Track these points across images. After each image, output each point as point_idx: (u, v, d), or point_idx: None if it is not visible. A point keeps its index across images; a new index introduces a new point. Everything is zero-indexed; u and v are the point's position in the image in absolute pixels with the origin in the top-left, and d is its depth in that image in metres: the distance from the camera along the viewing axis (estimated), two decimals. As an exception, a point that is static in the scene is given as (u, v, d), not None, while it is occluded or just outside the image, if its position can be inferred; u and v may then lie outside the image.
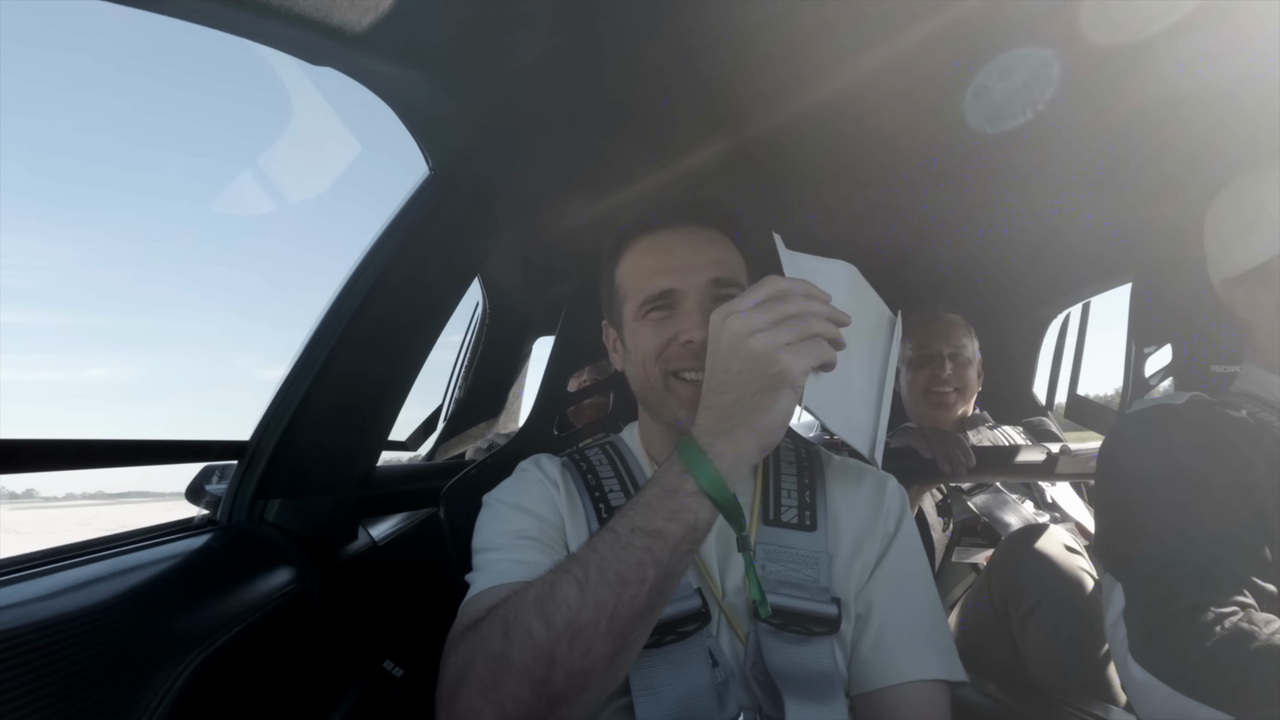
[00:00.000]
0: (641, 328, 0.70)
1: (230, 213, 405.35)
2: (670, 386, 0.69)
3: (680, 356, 0.68)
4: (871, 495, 0.74)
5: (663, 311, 0.69)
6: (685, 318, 0.68)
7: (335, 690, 0.76)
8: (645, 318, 0.70)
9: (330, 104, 3.86)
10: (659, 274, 0.70)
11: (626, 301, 0.72)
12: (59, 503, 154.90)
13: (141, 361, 36.16)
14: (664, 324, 0.69)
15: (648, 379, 0.70)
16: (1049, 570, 1.04)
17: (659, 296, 0.69)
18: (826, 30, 0.71)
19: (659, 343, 0.69)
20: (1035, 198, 1.14)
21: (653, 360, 0.69)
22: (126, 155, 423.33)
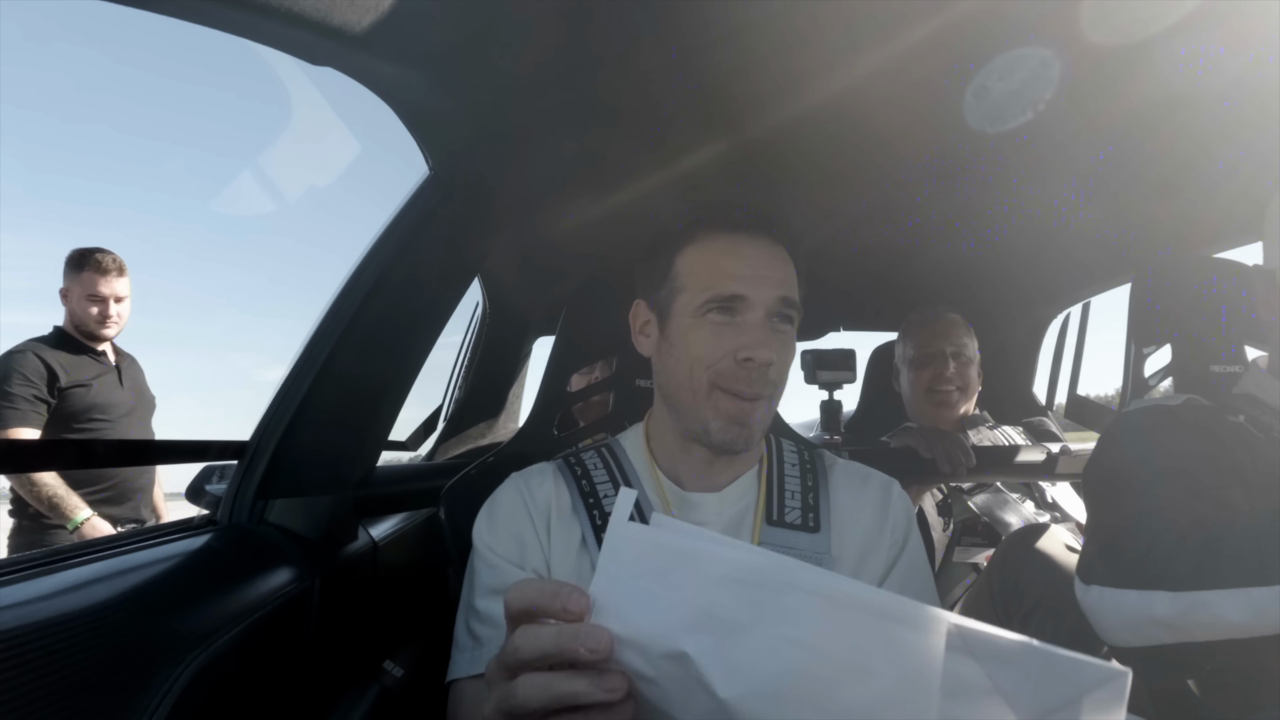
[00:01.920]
0: (698, 328, 0.68)
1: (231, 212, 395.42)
2: (712, 396, 0.67)
3: (732, 374, 0.66)
4: (877, 499, 0.74)
5: (724, 316, 0.67)
6: (749, 332, 0.66)
7: (335, 690, 0.76)
8: (704, 318, 0.67)
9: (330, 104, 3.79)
10: (733, 277, 0.67)
11: (684, 293, 0.69)
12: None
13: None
14: (724, 332, 0.67)
15: (689, 382, 0.68)
16: (1050, 570, 1.04)
17: (729, 299, 0.67)
18: (826, 31, 0.71)
19: (715, 352, 0.66)
20: (1035, 198, 1.14)
21: (702, 367, 0.67)
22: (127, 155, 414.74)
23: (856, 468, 0.78)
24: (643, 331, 0.76)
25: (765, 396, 0.68)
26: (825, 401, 1.44)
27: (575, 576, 0.67)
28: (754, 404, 0.67)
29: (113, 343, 1.87)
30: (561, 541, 0.69)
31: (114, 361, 1.84)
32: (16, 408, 1.65)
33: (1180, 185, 1.06)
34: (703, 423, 0.68)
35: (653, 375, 0.77)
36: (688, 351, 0.68)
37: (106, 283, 1.78)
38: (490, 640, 0.66)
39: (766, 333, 0.67)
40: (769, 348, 0.66)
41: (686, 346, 0.68)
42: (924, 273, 1.53)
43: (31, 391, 1.68)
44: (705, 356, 0.67)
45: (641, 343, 0.76)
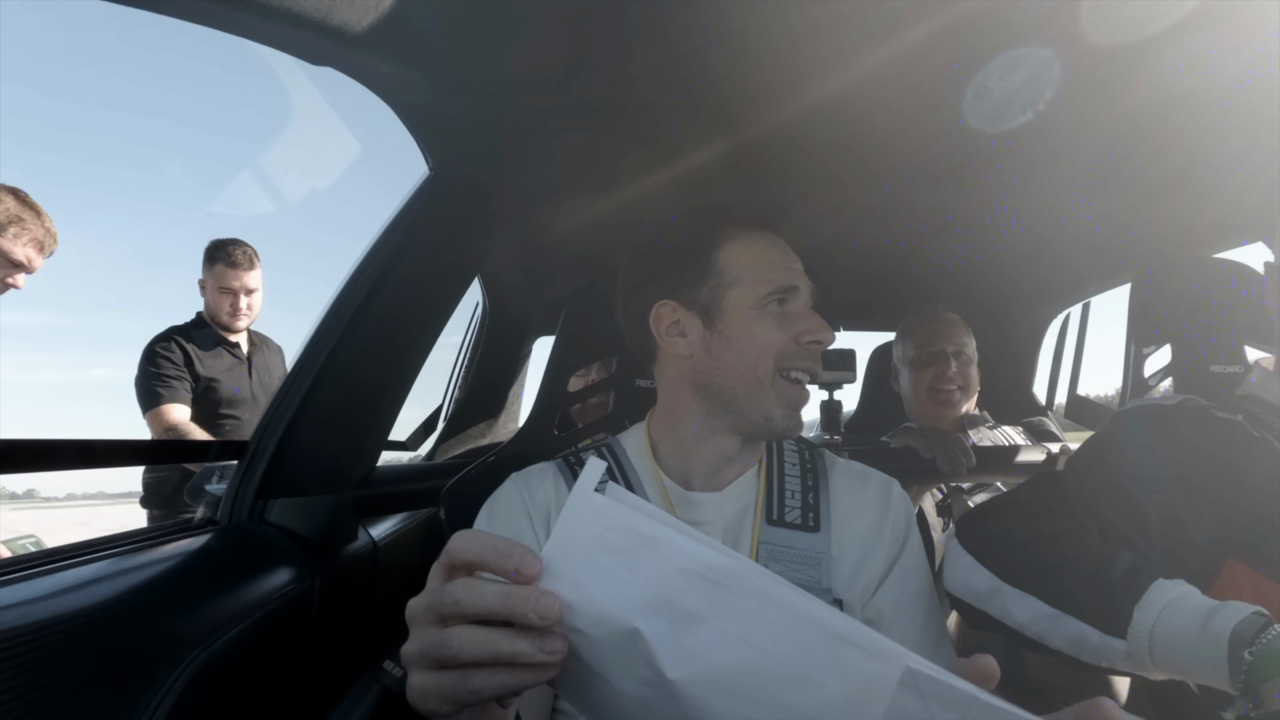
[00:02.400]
0: (762, 319, 0.71)
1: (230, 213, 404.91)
2: (775, 384, 0.70)
3: (799, 355, 0.71)
4: (877, 499, 0.74)
5: (780, 306, 0.71)
6: (809, 318, 0.72)
7: (335, 690, 0.76)
8: (765, 309, 0.71)
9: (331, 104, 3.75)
10: (785, 269, 0.72)
11: (738, 288, 0.72)
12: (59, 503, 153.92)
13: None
14: (784, 322, 0.71)
15: (754, 372, 0.70)
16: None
17: (788, 290, 0.72)
18: (826, 30, 0.71)
19: (781, 339, 0.70)
20: (1035, 198, 1.14)
21: (769, 355, 0.70)
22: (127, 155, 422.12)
23: (857, 468, 0.78)
24: (673, 332, 0.73)
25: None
26: (825, 401, 1.44)
27: None
28: (806, 389, 0.73)
29: (250, 331, 1.91)
30: None
31: (246, 353, 1.88)
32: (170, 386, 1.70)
33: (1180, 185, 1.06)
34: (765, 411, 0.70)
35: (678, 373, 0.75)
36: (753, 343, 0.70)
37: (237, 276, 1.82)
38: None
39: (819, 317, 0.73)
40: (828, 329, 0.72)
41: (751, 338, 0.71)
42: (924, 273, 1.53)
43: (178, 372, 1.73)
44: (772, 344, 0.70)
45: (675, 344, 0.73)
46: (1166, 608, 0.58)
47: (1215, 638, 0.54)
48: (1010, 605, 0.67)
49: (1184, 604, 0.58)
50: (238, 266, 1.81)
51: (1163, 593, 0.59)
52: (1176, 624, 0.57)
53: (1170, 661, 0.57)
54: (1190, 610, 0.57)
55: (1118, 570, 0.62)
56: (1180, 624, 0.57)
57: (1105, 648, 0.60)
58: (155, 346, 1.75)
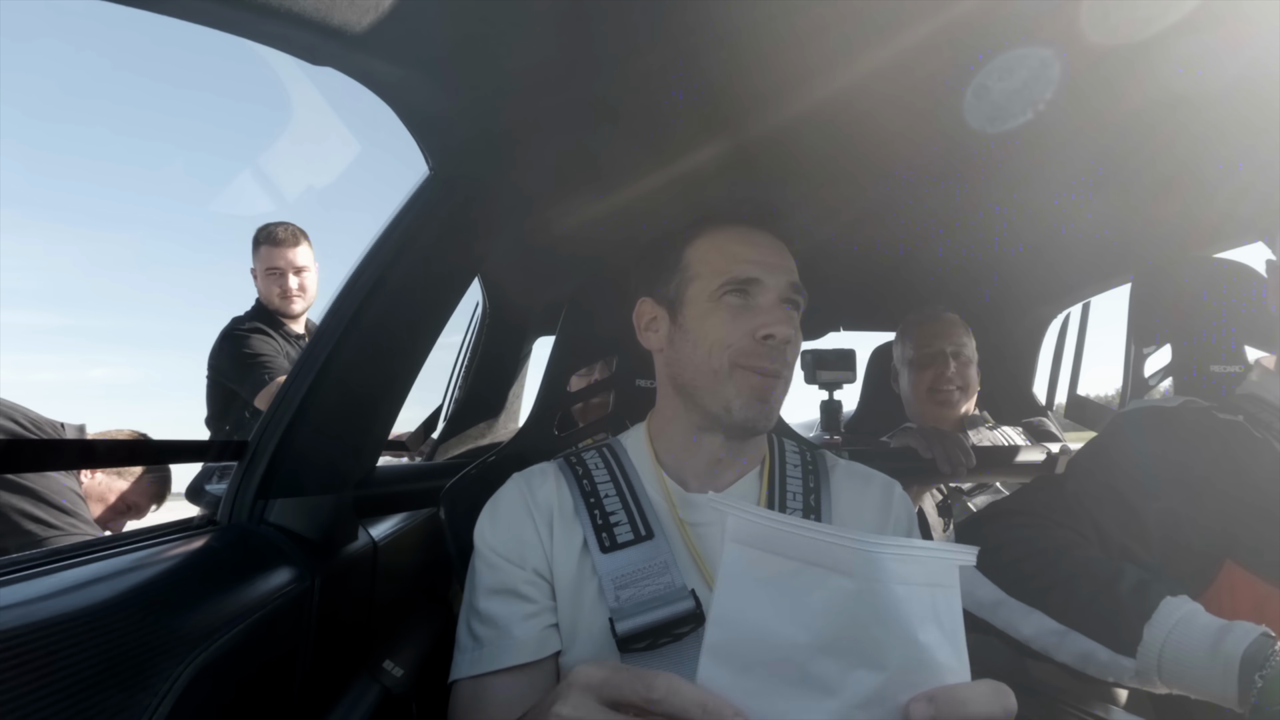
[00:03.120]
0: (714, 312, 0.70)
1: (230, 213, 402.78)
2: (733, 375, 0.69)
3: (752, 351, 0.69)
4: (879, 500, 0.74)
5: (740, 299, 0.70)
6: (767, 312, 0.69)
7: (335, 690, 0.76)
8: (720, 301, 0.70)
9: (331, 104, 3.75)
10: (747, 262, 0.71)
11: (697, 281, 0.72)
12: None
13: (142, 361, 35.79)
14: (740, 314, 0.69)
15: (709, 364, 0.70)
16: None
17: (745, 281, 0.70)
18: (826, 30, 0.71)
19: (734, 332, 0.69)
20: (1035, 198, 1.14)
21: (721, 348, 0.69)
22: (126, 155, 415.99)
23: (858, 468, 0.78)
24: (649, 328, 0.77)
25: (783, 375, 0.70)
26: (825, 401, 1.44)
27: (577, 581, 0.68)
28: (774, 381, 0.70)
29: (309, 321, 1.83)
30: (564, 543, 0.69)
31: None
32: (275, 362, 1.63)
33: (1180, 185, 1.06)
34: (724, 403, 0.69)
35: (660, 370, 0.77)
36: (705, 335, 0.70)
37: (282, 254, 1.72)
38: (491, 641, 0.66)
39: (783, 311, 0.70)
40: (787, 325, 0.68)
41: (704, 330, 0.70)
42: (924, 272, 1.53)
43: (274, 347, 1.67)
44: (725, 337, 0.69)
45: (649, 339, 0.77)
46: (1175, 627, 0.58)
47: (1226, 660, 0.54)
48: (1016, 619, 0.67)
49: (1192, 623, 0.58)
50: (282, 244, 1.72)
51: (1171, 611, 0.59)
52: (1186, 643, 0.57)
53: (1179, 680, 0.57)
54: (1199, 630, 0.57)
55: (1125, 586, 0.62)
56: (1190, 644, 0.57)
57: (1114, 665, 0.60)
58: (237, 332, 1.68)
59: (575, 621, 0.67)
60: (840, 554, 0.34)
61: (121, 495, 1.48)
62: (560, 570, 0.68)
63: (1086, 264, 1.50)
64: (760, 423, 0.70)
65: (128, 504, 1.50)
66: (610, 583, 0.65)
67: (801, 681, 0.35)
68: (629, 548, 0.67)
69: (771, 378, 0.69)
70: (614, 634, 0.63)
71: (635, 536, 0.67)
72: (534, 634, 0.66)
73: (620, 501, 0.70)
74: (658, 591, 0.64)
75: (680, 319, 0.73)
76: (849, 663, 0.35)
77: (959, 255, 1.42)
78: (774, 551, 0.36)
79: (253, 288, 1.82)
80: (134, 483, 1.50)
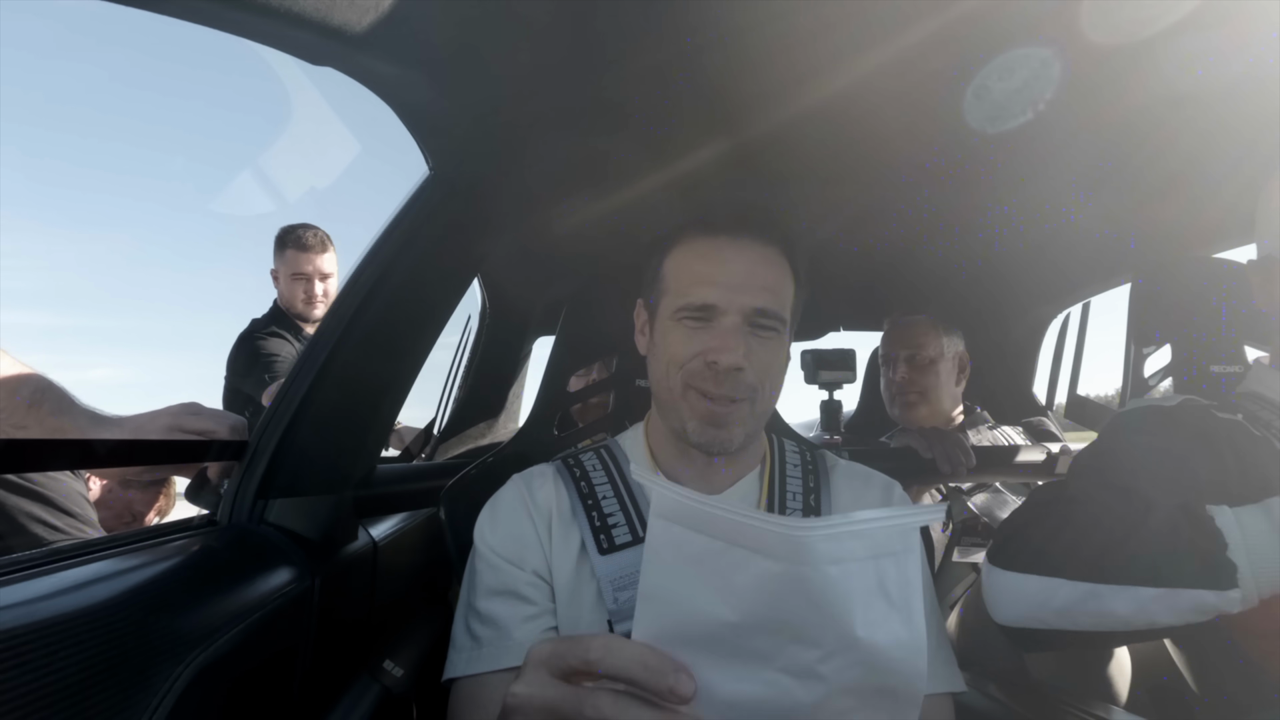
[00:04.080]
0: (673, 331, 0.69)
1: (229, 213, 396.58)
2: (686, 396, 0.68)
3: (701, 375, 0.67)
4: (879, 500, 0.74)
5: (698, 322, 0.68)
6: (718, 336, 0.66)
7: (335, 690, 0.76)
8: (679, 322, 0.69)
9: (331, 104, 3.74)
10: (705, 284, 0.68)
11: (666, 297, 0.71)
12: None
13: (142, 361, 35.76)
14: (696, 335, 0.68)
15: (666, 381, 0.70)
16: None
17: (699, 309, 0.67)
18: (826, 30, 0.71)
19: (686, 353, 0.68)
20: (1035, 198, 1.14)
21: (676, 368, 0.68)
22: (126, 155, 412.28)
23: (858, 469, 0.78)
24: (641, 331, 0.78)
25: (742, 399, 0.67)
26: (825, 401, 1.44)
27: (575, 583, 0.68)
28: (730, 406, 0.67)
29: None
30: (562, 545, 0.69)
31: None
32: (285, 365, 1.63)
33: (1180, 185, 1.06)
34: (681, 422, 0.69)
35: None
36: (664, 352, 0.70)
37: (309, 260, 1.72)
38: (489, 641, 0.66)
39: (737, 338, 0.66)
40: (736, 353, 0.65)
41: (665, 347, 0.70)
42: (924, 272, 1.53)
43: (289, 350, 1.67)
44: (677, 357, 0.68)
45: (639, 341, 0.78)
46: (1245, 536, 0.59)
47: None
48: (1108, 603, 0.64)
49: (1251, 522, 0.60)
50: (309, 249, 1.72)
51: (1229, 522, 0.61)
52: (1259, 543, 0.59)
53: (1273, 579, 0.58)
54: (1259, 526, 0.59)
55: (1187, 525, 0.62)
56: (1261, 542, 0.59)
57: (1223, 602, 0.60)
58: (255, 334, 1.69)
59: (574, 624, 0.67)
60: (765, 538, 0.33)
61: (127, 503, 1.49)
62: (559, 572, 0.68)
63: (1086, 264, 1.50)
64: (716, 447, 0.68)
65: (133, 513, 1.51)
66: (609, 584, 0.65)
67: (735, 655, 0.35)
68: (627, 549, 0.67)
69: (724, 403, 0.67)
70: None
71: (634, 538, 0.68)
72: (533, 636, 0.66)
73: (618, 503, 0.70)
74: None
75: (652, 331, 0.73)
76: (780, 639, 0.34)
77: (959, 255, 1.42)
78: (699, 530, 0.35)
79: (259, 286, 1.82)
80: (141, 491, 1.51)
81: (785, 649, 0.34)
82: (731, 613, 0.34)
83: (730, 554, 0.34)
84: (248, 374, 1.67)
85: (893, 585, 0.34)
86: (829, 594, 0.33)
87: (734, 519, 0.34)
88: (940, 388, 1.48)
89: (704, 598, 0.35)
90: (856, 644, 0.34)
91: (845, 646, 0.34)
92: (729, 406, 0.67)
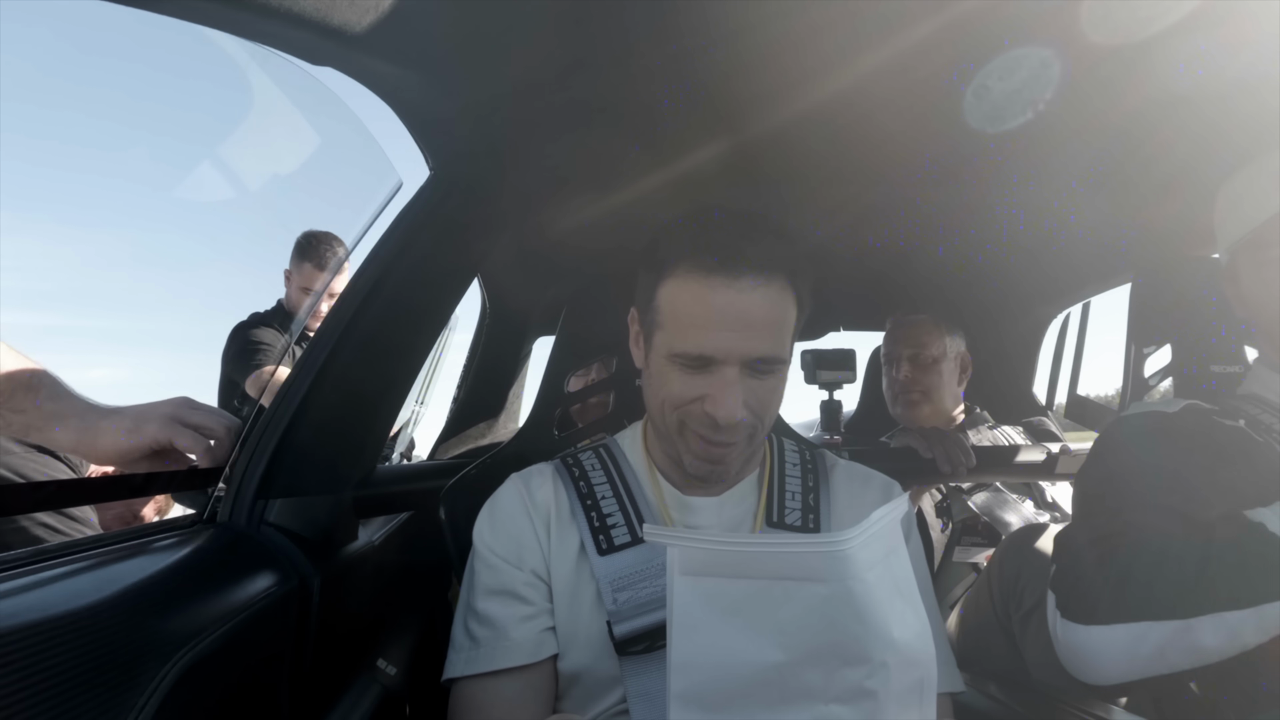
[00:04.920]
0: (668, 371, 0.66)
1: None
2: (683, 434, 0.67)
3: (700, 420, 0.65)
4: (879, 501, 0.74)
5: (693, 370, 0.64)
6: (716, 386, 0.63)
7: (334, 690, 0.76)
8: (674, 364, 0.65)
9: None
10: (701, 331, 0.63)
11: (661, 331, 0.66)
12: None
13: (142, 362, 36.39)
14: (693, 380, 0.64)
15: (662, 416, 0.68)
16: (1050, 570, 1.04)
17: (697, 359, 0.63)
18: (826, 30, 0.71)
19: (683, 397, 0.65)
20: (1035, 198, 1.14)
21: (671, 407, 0.66)
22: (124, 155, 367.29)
23: (858, 469, 0.78)
24: (635, 341, 0.75)
25: (739, 441, 0.66)
26: (825, 401, 1.44)
27: (574, 583, 0.68)
28: (725, 449, 0.66)
29: None
30: (561, 545, 0.69)
31: None
32: (272, 353, 1.65)
33: (1180, 185, 1.06)
34: (677, 454, 0.69)
35: None
36: (659, 390, 0.67)
37: (322, 279, 1.72)
38: (486, 641, 0.66)
39: (735, 390, 0.63)
40: (734, 406, 0.62)
41: (661, 383, 0.67)
42: (924, 272, 1.53)
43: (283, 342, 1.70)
44: (674, 398, 0.66)
45: (634, 352, 0.75)
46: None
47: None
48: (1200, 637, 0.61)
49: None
50: (325, 269, 1.73)
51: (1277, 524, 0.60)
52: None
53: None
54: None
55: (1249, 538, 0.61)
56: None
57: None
58: (251, 324, 1.72)
59: (573, 624, 0.67)
60: (809, 561, 0.33)
61: (128, 503, 1.49)
62: (558, 573, 0.68)
63: (1086, 264, 1.50)
64: (714, 479, 0.69)
65: (133, 513, 1.52)
66: (608, 585, 0.65)
67: (783, 698, 0.33)
68: (626, 550, 0.67)
69: (721, 446, 0.66)
70: (612, 637, 0.63)
71: (632, 538, 0.67)
72: (531, 636, 0.66)
73: (617, 503, 0.70)
74: (655, 594, 0.64)
75: (647, 357, 0.70)
76: (832, 666, 0.33)
77: (959, 255, 1.42)
78: (732, 575, 0.34)
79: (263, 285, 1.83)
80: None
81: (835, 675, 0.33)
82: (779, 652, 0.33)
83: (773, 590, 0.33)
84: (233, 359, 1.70)
85: (901, 580, 0.34)
86: (870, 603, 0.33)
87: (774, 551, 0.33)
88: (943, 387, 1.48)
89: (747, 646, 0.33)
90: (894, 646, 0.33)
91: (888, 652, 0.33)
92: (726, 448, 0.66)
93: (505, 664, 0.64)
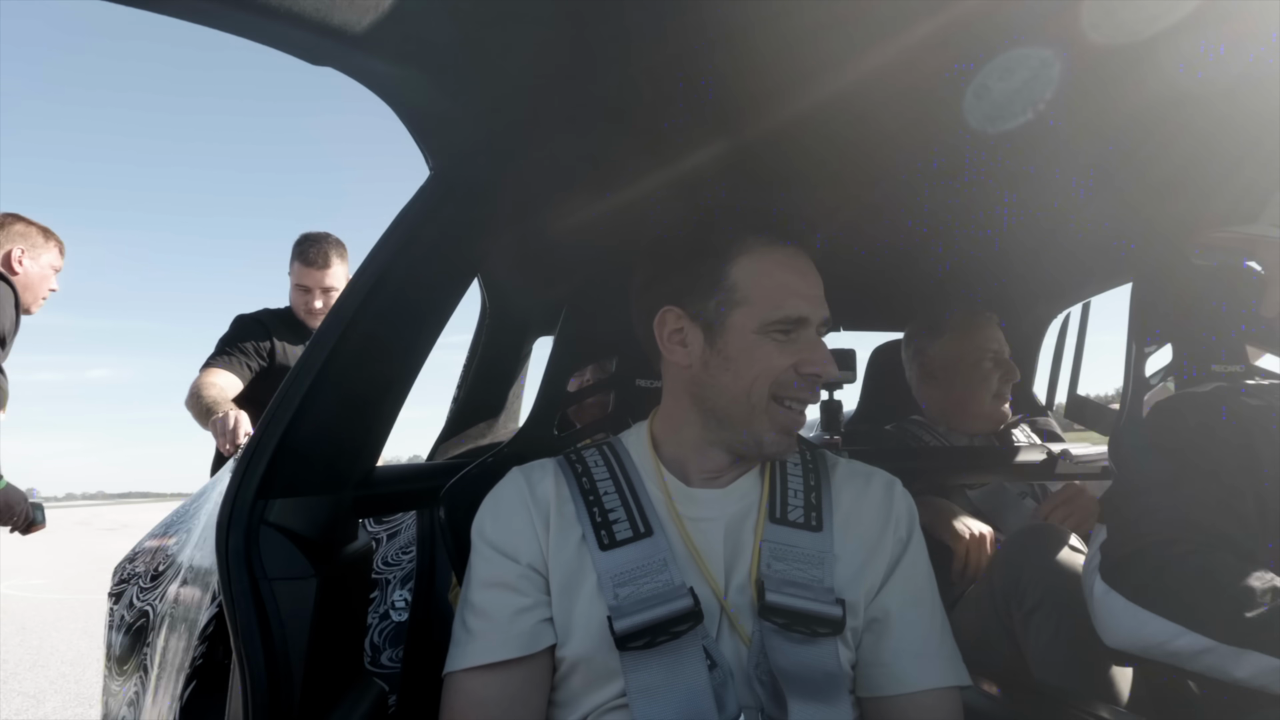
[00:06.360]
0: (762, 344, 0.68)
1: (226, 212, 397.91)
2: (769, 409, 0.69)
3: (790, 385, 0.69)
4: (880, 498, 0.74)
5: (786, 335, 0.69)
6: (813, 349, 0.69)
7: (335, 690, 0.76)
8: (768, 335, 0.68)
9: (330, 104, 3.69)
10: (797, 296, 0.69)
11: (744, 308, 0.69)
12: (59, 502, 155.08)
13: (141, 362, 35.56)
14: (785, 348, 0.69)
15: (749, 397, 0.68)
16: (1052, 569, 1.04)
17: (795, 321, 0.69)
18: (827, 30, 0.71)
19: (780, 365, 0.68)
20: (1035, 198, 1.14)
21: (765, 381, 0.68)
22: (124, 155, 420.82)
23: (859, 467, 0.78)
24: (674, 340, 0.73)
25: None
26: (825, 401, 1.44)
27: (575, 574, 0.68)
28: (804, 415, 0.72)
29: None
30: (560, 538, 0.69)
31: None
32: (234, 358, 1.74)
33: (1181, 185, 1.06)
34: (756, 436, 0.69)
35: (679, 384, 0.75)
36: (750, 367, 0.68)
37: (311, 274, 1.83)
38: (481, 634, 0.66)
39: (825, 347, 0.70)
40: (832, 363, 0.69)
41: (750, 362, 0.68)
42: (924, 272, 1.53)
43: (255, 348, 1.78)
44: (770, 370, 0.68)
45: (674, 352, 0.73)
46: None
47: None
48: (1226, 664, 0.63)
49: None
50: (312, 265, 1.82)
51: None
52: None
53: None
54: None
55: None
56: None
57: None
58: (247, 320, 1.81)
59: (571, 618, 0.67)
60: None
61: None
62: (556, 566, 0.68)
63: (1086, 264, 1.50)
64: (786, 452, 0.71)
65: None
66: (609, 580, 0.65)
67: None
68: (628, 545, 0.67)
69: (802, 411, 0.71)
70: (612, 632, 0.63)
71: (634, 534, 0.68)
72: (526, 628, 0.66)
73: (619, 499, 0.70)
74: (656, 589, 0.64)
75: (720, 344, 0.69)
76: None
77: (959, 255, 1.42)
78: None
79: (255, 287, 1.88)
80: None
81: None
82: None
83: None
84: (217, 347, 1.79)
85: None
86: None
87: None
88: None
89: None
90: None
91: None
92: (804, 415, 0.71)
93: (500, 655, 0.64)
